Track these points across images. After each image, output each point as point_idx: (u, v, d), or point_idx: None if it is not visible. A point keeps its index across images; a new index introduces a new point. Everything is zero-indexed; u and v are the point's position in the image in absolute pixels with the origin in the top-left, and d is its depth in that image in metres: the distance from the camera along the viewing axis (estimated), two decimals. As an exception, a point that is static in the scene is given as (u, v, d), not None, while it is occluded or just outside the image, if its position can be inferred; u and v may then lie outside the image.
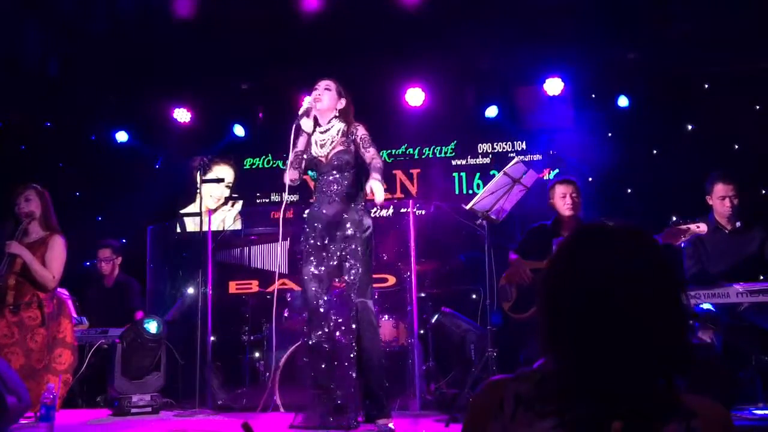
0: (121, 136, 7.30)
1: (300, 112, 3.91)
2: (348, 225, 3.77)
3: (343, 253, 3.75)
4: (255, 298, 5.69)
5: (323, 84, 3.99)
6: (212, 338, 5.06)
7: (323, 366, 3.67)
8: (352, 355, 3.64)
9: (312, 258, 3.82)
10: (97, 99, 7.01)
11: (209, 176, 6.97)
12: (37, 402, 3.71)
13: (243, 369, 5.58)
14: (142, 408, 4.60)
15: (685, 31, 5.81)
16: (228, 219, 7.10)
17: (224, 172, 7.33)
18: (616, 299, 1.04)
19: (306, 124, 3.93)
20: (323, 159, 3.89)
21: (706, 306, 3.98)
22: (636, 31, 6.00)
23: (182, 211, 7.30)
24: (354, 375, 3.63)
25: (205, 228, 5.19)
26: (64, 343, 4.34)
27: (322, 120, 3.97)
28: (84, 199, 7.29)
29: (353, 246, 3.74)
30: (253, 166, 7.35)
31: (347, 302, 3.70)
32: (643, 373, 1.03)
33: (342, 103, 3.99)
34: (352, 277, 3.70)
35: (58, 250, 4.42)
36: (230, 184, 7.31)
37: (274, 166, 7.28)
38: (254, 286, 5.83)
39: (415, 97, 6.71)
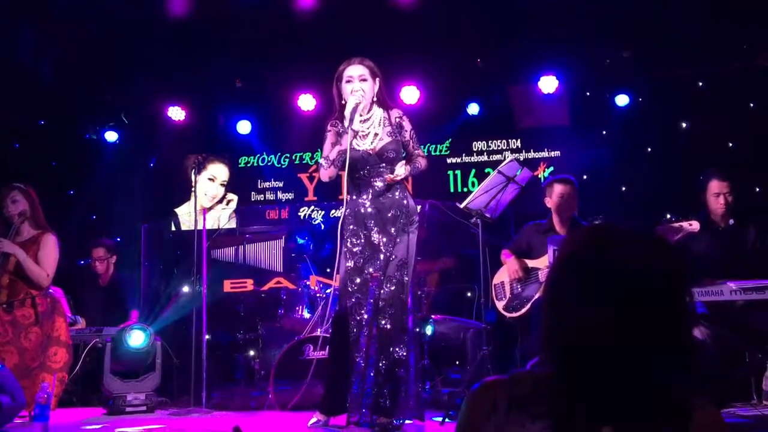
0: (115, 135, 7.27)
1: (349, 117, 3.51)
2: (400, 218, 3.55)
3: (392, 249, 3.50)
4: (250, 297, 5.68)
5: (357, 74, 3.60)
6: (207, 337, 5.06)
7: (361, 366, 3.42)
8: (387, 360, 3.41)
9: (361, 260, 3.52)
10: (91, 98, 6.98)
11: (204, 174, 6.95)
12: (31, 401, 3.71)
13: (238, 368, 5.58)
14: (137, 407, 4.60)
15: (680, 29, 5.81)
16: (223, 217, 7.09)
17: (219, 170, 7.31)
18: (633, 304, 1.01)
19: (355, 124, 3.56)
20: (370, 152, 3.58)
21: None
22: (630, 29, 6.00)
23: (177, 210, 7.28)
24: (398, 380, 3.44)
25: (199, 226, 5.18)
26: (59, 342, 4.33)
27: (362, 111, 3.62)
28: (78, 198, 7.25)
29: (402, 240, 3.52)
30: (248, 164, 7.33)
31: (391, 304, 3.45)
32: (645, 378, 1.02)
33: (377, 86, 3.66)
34: (396, 273, 3.47)
35: (50, 248, 4.42)
36: (225, 182, 7.29)
37: (269, 164, 7.27)
38: (249, 284, 5.82)
39: (410, 95, 6.70)
